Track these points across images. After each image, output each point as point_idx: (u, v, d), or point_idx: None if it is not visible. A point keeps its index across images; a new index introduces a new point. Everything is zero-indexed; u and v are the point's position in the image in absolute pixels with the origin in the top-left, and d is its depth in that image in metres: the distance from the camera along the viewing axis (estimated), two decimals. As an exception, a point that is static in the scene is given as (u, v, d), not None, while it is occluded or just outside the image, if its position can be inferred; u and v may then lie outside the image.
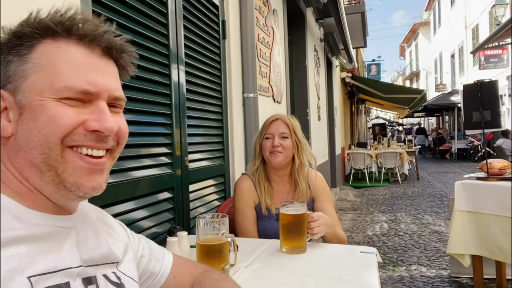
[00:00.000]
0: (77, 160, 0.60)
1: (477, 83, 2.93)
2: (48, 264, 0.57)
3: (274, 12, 3.59)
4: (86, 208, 0.75)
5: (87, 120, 0.60)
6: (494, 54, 14.81)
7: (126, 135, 0.68)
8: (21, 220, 0.58)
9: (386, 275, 3.45)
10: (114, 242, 0.74)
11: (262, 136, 1.77)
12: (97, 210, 0.79)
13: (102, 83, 0.61)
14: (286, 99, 4.00)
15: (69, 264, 0.60)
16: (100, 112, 0.61)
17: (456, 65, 21.34)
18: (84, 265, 0.63)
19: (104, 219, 0.78)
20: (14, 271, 0.52)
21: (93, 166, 0.61)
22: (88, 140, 0.60)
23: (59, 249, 0.60)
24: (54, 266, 0.57)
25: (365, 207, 6.62)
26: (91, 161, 0.61)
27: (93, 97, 0.61)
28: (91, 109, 0.61)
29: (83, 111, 0.60)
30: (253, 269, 1.28)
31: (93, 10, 1.29)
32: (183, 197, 1.87)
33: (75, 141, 0.59)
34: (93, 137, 0.60)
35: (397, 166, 9.51)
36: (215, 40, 2.33)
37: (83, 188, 0.60)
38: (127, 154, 1.47)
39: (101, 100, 0.62)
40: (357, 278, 1.20)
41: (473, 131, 3.11)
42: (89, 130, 0.60)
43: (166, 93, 1.74)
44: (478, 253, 2.78)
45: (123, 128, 0.67)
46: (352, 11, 7.14)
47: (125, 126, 0.67)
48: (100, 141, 0.61)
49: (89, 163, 0.61)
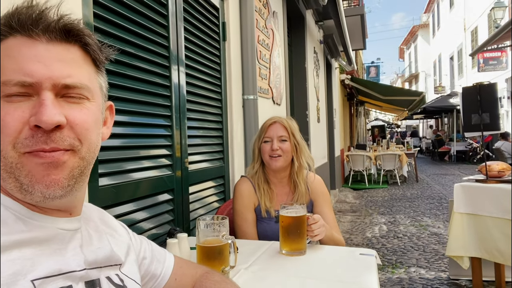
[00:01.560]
0: (32, 158, 0.55)
1: (476, 86, 2.94)
2: (51, 267, 0.56)
3: (274, 14, 3.59)
4: (89, 209, 0.75)
5: (30, 117, 0.54)
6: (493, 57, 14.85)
7: (83, 128, 0.59)
8: (25, 223, 0.57)
9: (385, 277, 3.45)
10: (116, 243, 0.73)
11: (260, 139, 1.77)
12: (99, 211, 0.79)
13: (42, 71, 0.55)
14: (286, 101, 4.01)
15: (73, 268, 0.59)
16: (39, 103, 0.54)
17: (455, 67, 21.39)
18: (88, 267, 0.62)
19: (106, 220, 0.78)
20: (17, 274, 0.52)
21: (47, 160, 0.55)
22: (36, 142, 0.54)
23: (64, 252, 0.60)
24: (57, 269, 0.57)
25: (364, 209, 6.63)
26: (45, 155, 0.55)
27: (35, 89, 0.55)
28: (34, 103, 0.55)
29: (27, 107, 0.55)
30: (253, 271, 1.28)
31: (94, 13, 1.29)
32: (183, 199, 1.87)
33: (27, 147, 0.54)
34: (39, 136, 0.54)
35: (396, 168, 9.52)
36: (215, 42, 2.34)
37: (37, 186, 0.55)
38: (127, 155, 1.48)
39: (44, 91, 0.55)
40: (357, 280, 1.20)
41: (472, 134, 3.11)
42: (31, 128, 0.54)
43: (167, 94, 1.75)
44: (477, 255, 2.79)
45: (78, 120, 0.58)
46: (352, 13, 7.16)
47: (81, 117, 0.58)
48: (48, 141, 0.55)
49: (42, 157, 0.55)
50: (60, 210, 0.62)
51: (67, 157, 0.57)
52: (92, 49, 0.62)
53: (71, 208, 0.64)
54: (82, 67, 0.60)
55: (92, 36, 0.62)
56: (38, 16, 0.56)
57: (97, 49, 0.63)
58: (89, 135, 0.60)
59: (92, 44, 0.62)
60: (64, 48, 0.58)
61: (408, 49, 36.63)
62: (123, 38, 1.44)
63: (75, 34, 0.59)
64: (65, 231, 0.62)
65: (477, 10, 17.04)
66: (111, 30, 1.39)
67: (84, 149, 0.59)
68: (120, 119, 1.42)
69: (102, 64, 0.66)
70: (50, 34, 0.57)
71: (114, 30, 1.40)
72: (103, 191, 1.32)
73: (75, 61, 0.59)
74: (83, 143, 0.59)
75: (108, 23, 1.38)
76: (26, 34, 0.56)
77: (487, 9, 15.05)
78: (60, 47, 0.58)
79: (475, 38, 17.57)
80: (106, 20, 1.36)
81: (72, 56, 0.59)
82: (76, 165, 0.59)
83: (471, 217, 2.81)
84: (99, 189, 1.30)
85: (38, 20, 0.56)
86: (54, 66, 0.56)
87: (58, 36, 0.58)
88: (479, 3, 16.64)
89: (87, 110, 0.60)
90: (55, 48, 0.57)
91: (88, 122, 0.60)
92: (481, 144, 13.38)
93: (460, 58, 20.04)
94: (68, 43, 0.59)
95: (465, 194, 2.83)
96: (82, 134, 0.59)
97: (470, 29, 18.34)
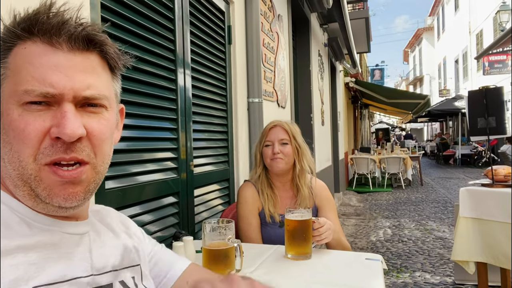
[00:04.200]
0: (51, 175, 0.55)
1: (482, 89, 2.93)
2: (56, 274, 0.55)
3: (279, 17, 3.60)
4: (107, 211, 0.75)
5: (51, 127, 0.54)
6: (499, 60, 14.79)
7: (100, 140, 0.59)
8: (30, 226, 0.56)
9: (390, 281, 3.43)
10: (133, 244, 0.73)
11: (261, 143, 1.77)
12: (117, 213, 0.78)
13: (64, 82, 0.55)
14: (290, 104, 4.01)
15: (78, 274, 0.58)
16: (61, 115, 0.54)
17: (460, 71, 21.31)
18: (96, 273, 0.61)
19: (124, 220, 0.78)
20: (19, 280, 0.50)
21: (65, 179, 0.55)
22: (57, 151, 0.54)
23: (70, 257, 0.58)
24: (62, 276, 0.55)
25: (369, 213, 6.60)
26: (64, 174, 0.55)
27: (57, 100, 0.55)
28: (55, 113, 0.55)
29: (47, 117, 0.55)
30: (259, 274, 1.28)
31: (102, 16, 1.30)
32: (188, 202, 1.87)
33: (47, 156, 0.54)
34: (59, 146, 0.54)
35: (401, 172, 9.48)
36: (221, 45, 2.34)
37: (56, 199, 0.55)
38: (132, 159, 1.48)
39: (66, 102, 0.55)
40: (363, 285, 1.20)
41: (478, 138, 3.10)
42: (52, 139, 0.54)
43: (172, 98, 1.75)
44: (483, 260, 2.76)
45: (96, 132, 0.58)
46: (356, 16, 7.16)
47: (98, 128, 0.59)
48: (68, 151, 0.55)
49: (62, 177, 0.55)
50: (67, 216, 0.61)
51: (84, 176, 0.58)
52: (111, 57, 0.62)
53: (77, 213, 0.64)
54: (101, 76, 0.61)
55: (113, 45, 0.63)
56: (61, 24, 0.56)
57: (115, 57, 0.63)
58: (104, 146, 0.60)
59: (111, 52, 0.62)
60: (85, 57, 0.58)
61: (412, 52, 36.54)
62: (129, 41, 1.45)
63: (97, 43, 0.59)
64: (72, 235, 0.61)
65: (482, 13, 16.98)
66: (118, 33, 1.39)
67: (99, 162, 0.60)
68: (126, 122, 1.42)
69: (119, 71, 0.67)
70: (72, 43, 0.57)
71: (121, 33, 1.41)
72: (109, 194, 1.32)
73: (95, 70, 0.59)
74: (98, 155, 0.59)
75: (115, 26, 1.39)
76: (47, 41, 0.56)
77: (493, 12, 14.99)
78: (81, 57, 0.58)
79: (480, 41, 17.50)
80: (113, 23, 1.37)
81: (92, 65, 0.59)
82: (92, 180, 0.59)
83: (476, 222, 2.79)
84: (106, 192, 1.31)
85: (61, 28, 0.56)
86: (75, 77, 0.56)
87: (80, 46, 0.57)
88: (484, 6, 16.58)
89: (105, 120, 0.60)
90: (76, 58, 0.57)
91: (105, 133, 0.60)
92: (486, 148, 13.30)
93: (465, 61, 19.96)
94: (88, 52, 0.59)
95: (471, 198, 2.81)
96: (98, 145, 0.59)
97: (475, 32, 18.28)
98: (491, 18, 15.68)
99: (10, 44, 0.56)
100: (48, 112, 0.55)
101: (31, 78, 0.54)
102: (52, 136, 0.54)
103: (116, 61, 0.64)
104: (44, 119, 0.54)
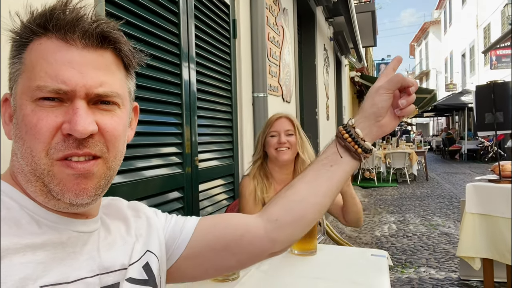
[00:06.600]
0: (64, 169, 0.55)
1: (490, 84, 2.89)
2: (63, 273, 0.55)
3: (284, 11, 3.57)
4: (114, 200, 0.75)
5: (63, 123, 0.55)
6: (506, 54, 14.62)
7: (113, 136, 0.59)
8: (39, 224, 0.56)
9: (395, 276, 3.43)
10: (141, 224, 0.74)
11: (265, 133, 1.78)
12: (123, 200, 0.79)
13: (77, 79, 0.55)
14: (295, 98, 3.99)
15: (83, 274, 0.57)
16: (73, 112, 0.54)
17: (467, 65, 21.11)
18: (103, 272, 0.60)
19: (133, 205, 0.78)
20: (27, 278, 0.50)
21: (78, 172, 0.56)
22: (69, 147, 0.55)
23: (77, 256, 0.58)
24: (68, 276, 0.55)
25: (373, 208, 6.58)
26: (77, 166, 0.55)
27: (69, 96, 0.55)
28: (67, 109, 0.55)
29: (60, 113, 0.55)
30: (264, 270, 1.27)
31: (107, 10, 1.29)
32: (193, 197, 1.87)
33: (59, 151, 0.54)
34: (71, 142, 0.55)
35: (406, 167, 9.43)
36: (226, 39, 2.33)
37: (67, 194, 0.56)
38: (137, 153, 1.48)
39: (78, 99, 0.55)
40: (368, 281, 1.19)
41: (486, 133, 3.06)
42: (64, 135, 0.54)
43: (177, 92, 1.74)
44: (488, 256, 2.75)
45: (109, 128, 0.58)
46: (362, 10, 7.10)
47: (111, 125, 0.59)
48: (80, 146, 0.55)
49: (75, 169, 0.55)
50: (77, 213, 0.61)
51: (96, 169, 0.57)
52: (125, 55, 0.62)
53: (87, 211, 0.63)
54: (114, 74, 0.60)
55: (128, 43, 0.63)
56: (75, 20, 0.56)
57: (130, 55, 0.63)
58: (117, 143, 0.60)
59: (126, 50, 0.62)
60: (99, 54, 0.58)
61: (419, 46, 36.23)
62: (134, 36, 1.44)
63: (111, 40, 0.59)
64: (80, 233, 0.61)
65: (490, 6, 16.76)
66: (123, 28, 1.38)
67: (111, 157, 0.60)
68: (131, 117, 1.42)
69: (133, 69, 0.66)
70: (86, 39, 0.56)
71: (126, 28, 1.40)
72: (115, 189, 1.32)
73: (108, 68, 0.59)
74: (110, 150, 0.59)
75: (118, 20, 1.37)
76: (62, 37, 0.56)
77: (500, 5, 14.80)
78: (95, 54, 0.58)
79: (487, 35, 17.29)
80: (117, 18, 1.36)
81: (105, 63, 0.59)
82: (103, 175, 0.59)
83: (483, 218, 2.77)
84: (111, 186, 1.30)
85: (76, 25, 0.56)
86: (88, 74, 0.56)
87: (94, 43, 0.57)
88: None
89: (118, 118, 0.60)
90: (90, 54, 0.57)
91: (118, 130, 0.60)
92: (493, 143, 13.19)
93: (472, 55, 19.76)
94: (103, 49, 0.59)
95: (477, 194, 2.79)
96: (111, 141, 0.59)
97: (482, 25, 18.06)
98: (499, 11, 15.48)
99: (26, 39, 0.57)
100: (61, 108, 0.55)
101: (45, 74, 0.54)
102: (64, 132, 0.54)
103: (130, 59, 0.63)
104: (57, 115, 0.55)
